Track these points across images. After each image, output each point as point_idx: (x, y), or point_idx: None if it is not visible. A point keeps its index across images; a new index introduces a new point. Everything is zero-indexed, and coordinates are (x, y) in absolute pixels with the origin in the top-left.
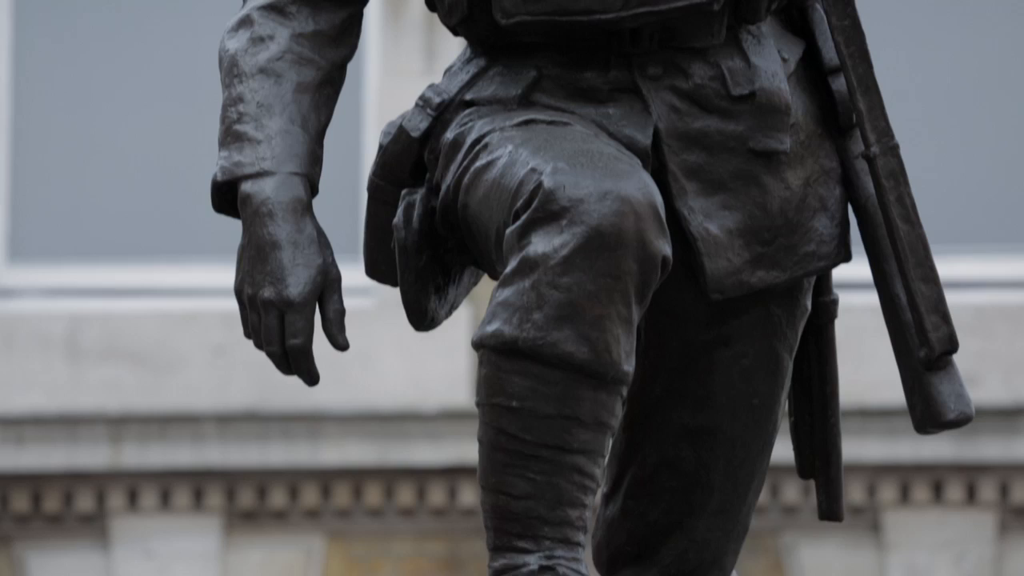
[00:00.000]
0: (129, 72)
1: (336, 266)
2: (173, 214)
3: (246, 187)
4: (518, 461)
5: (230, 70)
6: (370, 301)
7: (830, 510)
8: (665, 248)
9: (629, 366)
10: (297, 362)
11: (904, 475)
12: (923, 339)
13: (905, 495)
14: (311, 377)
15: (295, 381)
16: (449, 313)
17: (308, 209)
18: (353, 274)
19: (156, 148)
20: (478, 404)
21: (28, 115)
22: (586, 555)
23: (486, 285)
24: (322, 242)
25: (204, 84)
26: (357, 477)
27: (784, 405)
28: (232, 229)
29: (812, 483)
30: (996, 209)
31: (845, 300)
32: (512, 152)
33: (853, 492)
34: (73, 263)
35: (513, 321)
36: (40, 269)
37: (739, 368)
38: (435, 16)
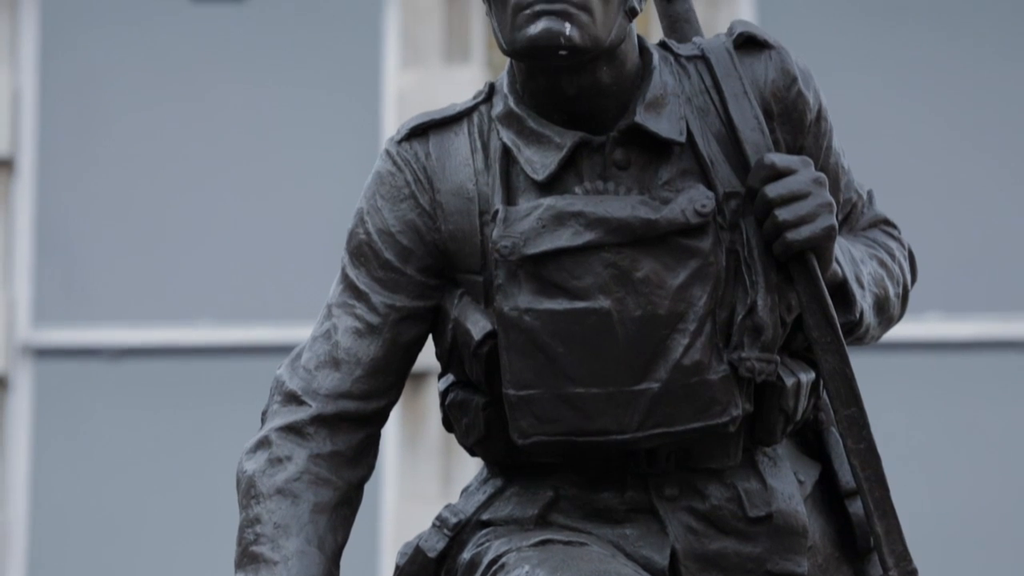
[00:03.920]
0: (144, 473)
1: None
2: None
3: None
4: None
5: (247, 491)
6: None
7: None
8: None
9: None
10: None
11: None
12: None
13: None
14: None
15: None
16: None
17: None
18: None
19: (169, 559)
20: None
21: (45, 511)
22: None
23: None
24: None
25: (220, 509)
26: None
27: None
28: None
29: None
30: None
31: None
32: (529, 572)
33: None
34: None
35: None
36: None
37: None
38: (452, 440)
